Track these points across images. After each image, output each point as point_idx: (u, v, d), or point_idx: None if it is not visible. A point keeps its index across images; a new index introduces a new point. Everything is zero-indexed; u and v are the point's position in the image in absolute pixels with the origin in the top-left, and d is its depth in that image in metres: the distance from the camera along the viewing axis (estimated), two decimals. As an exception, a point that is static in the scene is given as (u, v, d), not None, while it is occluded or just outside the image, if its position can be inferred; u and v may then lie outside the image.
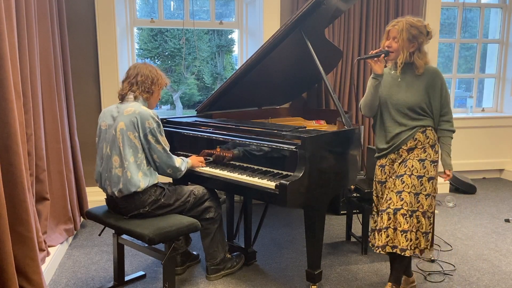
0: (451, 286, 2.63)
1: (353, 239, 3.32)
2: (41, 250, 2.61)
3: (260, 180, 2.33)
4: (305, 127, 2.61)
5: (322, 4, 2.63)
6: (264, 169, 2.46)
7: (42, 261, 2.57)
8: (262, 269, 2.85)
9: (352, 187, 3.27)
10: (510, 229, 3.57)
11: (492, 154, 5.14)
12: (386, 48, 2.28)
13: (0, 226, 1.87)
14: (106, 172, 2.37)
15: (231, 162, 2.62)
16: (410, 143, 2.31)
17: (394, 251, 2.23)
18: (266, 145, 2.42)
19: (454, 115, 2.43)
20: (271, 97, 3.64)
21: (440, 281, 2.68)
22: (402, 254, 2.22)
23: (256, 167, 2.50)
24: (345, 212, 3.39)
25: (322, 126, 3.35)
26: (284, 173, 2.37)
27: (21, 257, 2.14)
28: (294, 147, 2.27)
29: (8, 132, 2.04)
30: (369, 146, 3.38)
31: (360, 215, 3.21)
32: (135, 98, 2.39)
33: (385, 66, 2.39)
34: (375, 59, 2.26)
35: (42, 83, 2.91)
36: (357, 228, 3.37)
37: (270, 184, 2.26)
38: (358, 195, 3.21)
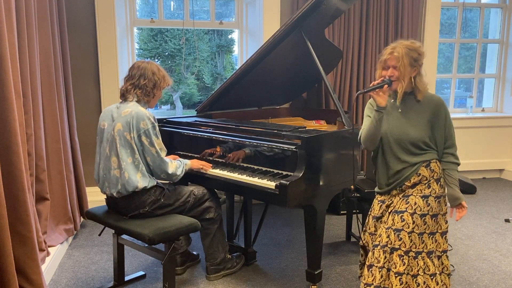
0: (451, 286, 2.63)
1: (353, 239, 3.32)
2: (41, 250, 2.61)
3: (260, 180, 2.33)
4: (305, 127, 2.61)
5: (322, 4, 2.63)
6: (264, 169, 2.46)
7: (42, 261, 2.57)
8: (262, 269, 2.85)
9: (352, 187, 3.27)
10: (510, 229, 3.57)
11: (492, 154, 5.14)
12: (388, 77, 2.09)
13: (0, 226, 1.87)
14: (105, 172, 2.37)
15: (231, 162, 2.62)
16: (414, 179, 2.12)
17: None
18: (266, 145, 2.42)
19: (454, 115, 2.36)
20: (271, 97, 3.64)
21: (440, 281, 2.68)
22: None
23: (256, 167, 2.50)
24: (345, 212, 3.39)
25: (322, 126, 3.36)
26: (284, 173, 2.37)
27: (21, 257, 2.14)
28: (294, 147, 2.27)
29: (8, 132, 2.04)
30: (369, 146, 3.38)
31: (360, 215, 3.21)
32: (138, 101, 2.38)
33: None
34: (377, 90, 2.05)
35: (42, 83, 2.91)
36: (357, 228, 3.37)
37: (270, 184, 2.26)
38: (358, 195, 3.21)
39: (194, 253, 2.94)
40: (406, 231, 2.04)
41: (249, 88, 3.17)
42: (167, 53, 8.01)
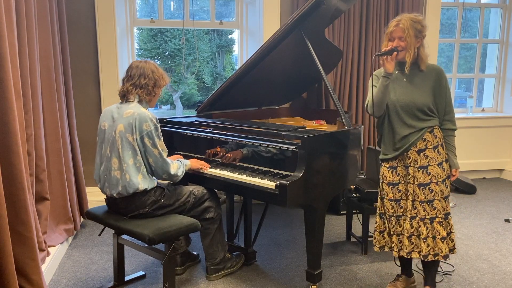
0: (451, 286, 2.63)
1: (353, 239, 3.32)
2: (41, 250, 2.61)
3: (260, 180, 2.33)
4: (305, 127, 2.61)
5: (322, 4, 2.63)
6: (264, 169, 2.46)
7: (42, 261, 2.57)
8: (262, 269, 2.85)
9: (352, 187, 3.27)
10: (510, 229, 3.57)
11: (492, 154, 5.14)
12: (396, 46, 2.24)
13: (0, 226, 1.87)
14: (106, 173, 2.37)
15: (231, 162, 2.62)
16: (420, 144, 2.30)
17: (436, 258, 2.31)
18: (266, 145, 2.42)
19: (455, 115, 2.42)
20: (271, 97, 3.64)
21: (439, 281, 2.68)
22: (446, 260, 2.35)
23: (256, 167, 2.50)
24: (345, 212, 3.39)
25: (322, 126, 3.36)
26: (284, 173, 2.37)
27: (21, 257, 2.14)
28: (294, 147, 2.27)
29: (8, 132, 2.04)
30: (369, 146, 3.38)
31: (360, 215, 3.21)
32: (140, 101, 2.38)
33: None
34: (386, 57, 2.24)
35: (42, 83, 2.91)
36: (357, 228, 3.37)
37: (270, 184, 2.26)
38: (358, 195, 3.21)
39: (194, 253, 2.94)
40: (437, 200, 2.29)
41: (249, 88, 3.18)
42: (167, 53, 8.02)
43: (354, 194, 3.25)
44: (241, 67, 2.97)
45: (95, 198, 3.57)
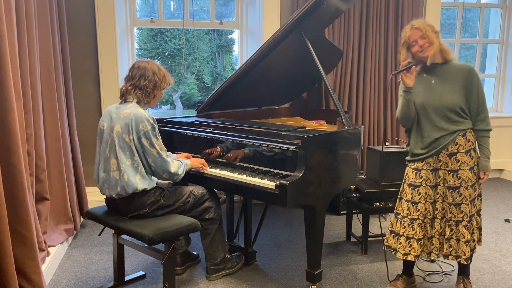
0: (451, 286, 2.63)
1: (353, 239, 3.32)
2: (41, 250, 2.61)
3: (260, 180, 2.32)
4: (305, 127, 2.61)
5: (322, 4, 2.63)
6: (264, 169, 2.46)
7: (42, 261, 2.57)
8: (262, 269, 2.85)
9: (352, 187, 3.27)
10: (510, 229, 3.57)
11: (492, 154, 5.09)
12: (419, 48, 2.24)
13: (0, 226, 1.87)
14: (105, 174, 2.37)
15: (231, 162, 2.62)
16: (452, 147, 2.28)
17: (458, 260, 2.33)
18: (266, 145, 2.42)
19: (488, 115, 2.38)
20: (271, 97, 3.64)
21: (439, 281, 2.68)
22: (468, 263, 2.35)
23: (256, 167, 2.50)
24: (345, 212, 3.39)
25: (322, 126, 3.36)
26: (284, 173, 2.37)
27: (21, 257, 2.14)
28: (294, 147, 2.27)
29: (8, 132, 2.04)
30: (369, 146, 3.38)
31: (360, 215, 3.21)
32: (138, 102, 2.38)
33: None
34: (405, 72, 2.22)
35: (42, 83, 2.91)
36: (357, 228, 3.37)
37: (270, 184, 2.25)
38: (358, 195, 3.21)
39: (194, 253, 2.94)
40: (465, 204, 2.29)
41: (249, 88, 3.17)
42: (167, 53, 8.02)
43: (354, 194, 3.25)
44: (241, 67, 2.97)
45: (95, 198, 3.57)
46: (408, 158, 2.43)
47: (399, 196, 2.44)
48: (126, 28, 4.10)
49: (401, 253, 2.37)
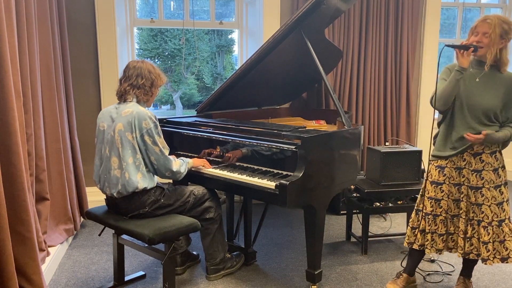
0: (451, 286, 2.63)
1: (353, 239, 3.32)
2: (41, 250, 2.61)
3: (260, 180, 2.32)
4: (305, 127, 2.61)
5: (322, 4, 2.63)
6: (264, 169, 2.46)
7: (42, 261, 2.57)
8: (262, 269, 2.86)
9: (352, 187, 3.27)
10: (510, 229, 3.57)
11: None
12: (476, 43, 2.17)
13: (0, 226, 1.87)
14: (105, 173, 2.37)
15: (231, 162, 2.62)
16: (477, 148, 2.26)
17: (479, 258, 2.32)
18: (266, 145, 2.42)
19: None
20: (271, 97, 3.64)
21: (439, 281, 2.68)
22: (484, 263, 2.30)
23: (256, 167, 2.50)
24: (345, 212, 3.39)
25: (322, 126, 3.36)
26: (284, 173, 2.37)
27: (21, 257, 2.14)
28: (294, 147, 2.27)
29: (8, 132, 2.04)
30: (369, 146, 3.38)
31: (360, 215, 3.21)
32: (137, 101, 2.38)
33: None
34: (462, 51, 2.15)
35: (42, 83, 2.91)
36: (357, 228, 3.37)
37: (270, 184, 2.25)
38: (358, 195, 3.22)
39: (194, 253, 2.94)
40: (486, 205, 2.26)
41: (249, 88, 3.17)
42: (167, 53, 8.02)
43: (354, 194, 3.25)
44: (241, 67, 2.97)
45: (95, 198, 3.57)
46: (434, 153, 2.39)
47: (420, 193, 2.44)
48: (126, 28, 4.10)
49: (428, 248, 2.38)
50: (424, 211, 2.38)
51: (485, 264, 2.30)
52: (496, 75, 2.24)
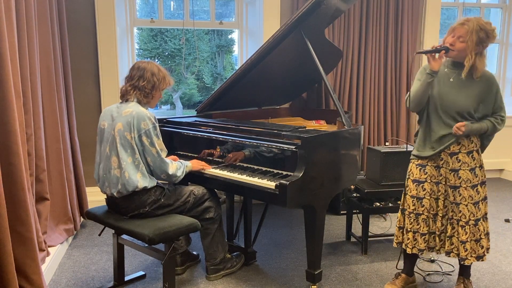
0: (451, 286, 2.63)
1: (353, 239, 3.32)
2: (41, 250, 2.61)
3: (260, 180, 2.32)
4: (305, 127, 2.61)
5: (322, 4, 2.63)
6: (264, 169, 2.46)
7: (42, 261, 2.57)
8: (262, 269, 2.85)
9: (352, 187, 3.27)
10: (510, 229, 3.57)
11: (492, 154, 5.12)
12: (448, 46, 2.17)
13: (0, 226, 1.87)
14: (105, 172, 2.37)
15: (231, 162, 2.61)
16: (454, 147, 2.28)
17: (458, 258, 2.34)
18: (266, 145, 2.42)
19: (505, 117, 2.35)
20: (271, 97, 3.64)
21: (439, 281, 2.68)
22: (462, 263, 2.35)
23: (256, 167, 2.50)
24: (345, 212, 3.39)
25: (322, 126, 3.36)
26: (284, 173, 2.37)
27: (21, 257, 2.14)
28: (294, 147, 2.27)
29: (8, 132, 2.04)
30: (369, 146, 3.38)
31: (360, 215, 3.21)
32: (138, 102, 2.38)
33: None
34: (433, 54, 2.16)
35: (42, 83, 2.91)
36: (357, 228, 3.37)
37: (270, 184, 2.25)
38: (358, 195, 3.21)
39: (194, 253, 2.94)
40: (464, 204, 2.28)
41: (249, 88, 3.17)
42: (167, 53, 8.01)
43: (354, 194, 3.25)
44: (241, 67, 2.97)
45: (95, 198, 3.57)
46: (414, 152, 2.41)
47: (404, 192, 2.45)
48: (126, 28, 4.10)
49: (409, 248, 2.40)
50: (407, 209, 2.40)
51: (464, 263, 2.33)
52: (470, 73, 2.23)
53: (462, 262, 2.33)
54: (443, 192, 2.34)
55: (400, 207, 2.48)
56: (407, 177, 2.44)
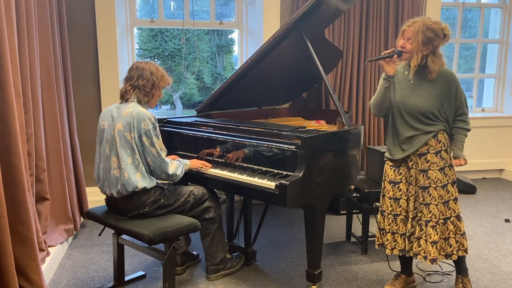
0: (451, 286, 2.63)
1: (353, 239, 3.32)
2: (41, 250, 2.61)
3: (260, 180, 2.32)
4: (305, 127, 2.61)
5: (322, 4, 2.63)
6: (264, 169, 2.46)
7: (42, 261, 2.57)
8: (262, 269, 2.85)
9: (352, 187, 3.27)
10: (510, 229, 3.57)
11: (492, 154, 5.14)
12: (400, 48, 2.20)
13: (0, 226, 1.87)
14: (105, 173, 2.37)
15: (231, 162, 2.61)
16: (422, 148, 2.28)
17: (427, 260, 2.30)
18: (266, 145, 2.42)
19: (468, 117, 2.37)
20: (271, 97, 3.64)
21: (439, 281, 2.68)
22: (433, 264, 2.31)
23: (256, 167, 2.50)
24: (345, 212, 3.39)
25: (322, 126, 3.35)
26: (284, 173, 2.37)
27: (21, 257, 2.14)
28: (294, 147, 2.27)
29: (8, 132, 2.04)
30: (369, 146, 3.38)
31: (360, 215, 3.21)
32: (138, 101, 2.39)
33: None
34: (387, 60, 2.19)
35: (42, 83, 2.91)
36: (357, 228, 3.37)
37: (270, 184, 2.25)
38: (358, 195, 3.21)
39: (194, 253, 2.94)
40: (433, 204, 2.28)
41: (249, 88, 3.17)
42: (167, 53, 8.01)
43: (354, 194, 3.25)
44: (241, 67, 2.97)
45: (95, 198, 3.57)
46: (387, 155, 2.43)
47: (381, 194, 2.47)
48: (126, 28, 4.10)
49: (389, 249, 2.41)
50: (386, 211, 2.42)
51: (435, 264, 2.32)
52: (429, 73, 2.24)
53: (434, 263, 2.30)
54: (413, 193, 2.34)
55: (380, 208, 2.49)
56: (383, 178, 2.45)
